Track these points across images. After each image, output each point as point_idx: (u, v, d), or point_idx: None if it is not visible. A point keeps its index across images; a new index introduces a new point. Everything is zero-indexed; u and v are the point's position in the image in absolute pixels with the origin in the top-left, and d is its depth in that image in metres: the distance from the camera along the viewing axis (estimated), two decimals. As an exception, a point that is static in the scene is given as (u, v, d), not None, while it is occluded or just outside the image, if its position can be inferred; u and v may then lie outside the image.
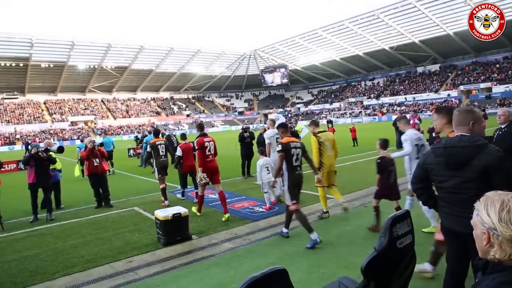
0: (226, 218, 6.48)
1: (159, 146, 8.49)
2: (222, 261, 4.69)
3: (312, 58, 68.36)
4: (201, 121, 8.57)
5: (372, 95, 65.50)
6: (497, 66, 52.18)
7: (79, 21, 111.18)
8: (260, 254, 4.85)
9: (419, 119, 16.16)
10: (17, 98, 59.88)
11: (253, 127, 41.21)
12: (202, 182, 6.76)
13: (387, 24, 51.96)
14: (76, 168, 13.55)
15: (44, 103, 62.38)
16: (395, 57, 61.37)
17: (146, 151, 9.71)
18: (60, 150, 7.67)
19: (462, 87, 52.53)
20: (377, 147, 5.45)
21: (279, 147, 5.12)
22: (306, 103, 77.47)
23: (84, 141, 10.22)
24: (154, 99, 74.88)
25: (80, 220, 7.33)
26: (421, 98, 55.95)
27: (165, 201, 8.11)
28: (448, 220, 2.64)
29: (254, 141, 11.37)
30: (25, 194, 8.09)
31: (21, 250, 5.65)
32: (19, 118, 56.68)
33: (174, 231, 5.44)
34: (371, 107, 61.71)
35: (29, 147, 7.89)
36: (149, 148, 8.67)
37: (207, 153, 6.81)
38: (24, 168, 9.80)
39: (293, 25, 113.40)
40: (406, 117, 5.70)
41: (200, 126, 7.45)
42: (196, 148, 6.87)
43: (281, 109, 76.34)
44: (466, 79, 53.85)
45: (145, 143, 14.00)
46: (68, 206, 8.73)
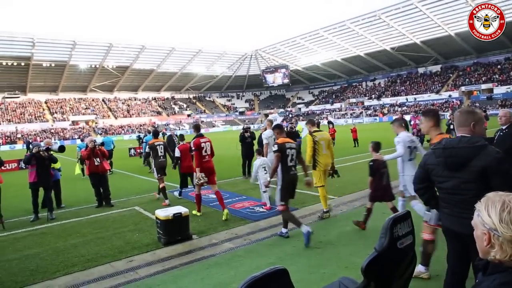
0: (226, 215, 6.52)
1: (158, 147, 8.55)
2: (223, 261, 4.69)
3: (313, 59, 68.34)
4: (197, 122, 8.62)
5: (373, 96, 65.45)
6: (499, 67, 52.08)
7: (81, 21, 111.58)
8: (261, 254, 4.85)
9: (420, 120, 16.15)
10: (19, 97, 60.02)
11: (254, 127, 41.17)
12: (200, 182, 6.81)
13: (389, 25, 51.93)
14: (76, 167, 13.58)
15: (46, 103, 62.52)
16: (396, 58, 61.33)
17: (145, 151, 9.77)
18: (61, 150, 7.68)
19: (464, 88, 52.50)
20: (370, 150, 5.59)
21: (275, 147, 5.27)
22: (307, 104, 77.43)
23: (85, 141, 10.24)
24: (155, 99, 74.94)
25: (81, 220, 7.34)
26: (422, 99, 55.89)
27: (166, 200, 8.14)
28: (449, 221, 2.65)
29: (255, 141, 11.37)
30: (26, 193, 8.11)
31: (22, 249, 5.66)
32: (20, 117, 56.80)
33: (175, 231, 5.45)
34: (372, 108, 61.66)
35: (31, 146, 7.90)
36: (148, 149, 8.74)
37: (204, 154, 6.87)
38: (25, 167, 9.81)
39: (295, 26, 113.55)
40: (400, 120, 5.80)
41: (197, 127, 7.48)
42: (193, 149, 6.92)
43: (282, 109, 76.35)
44: (468, 80, 53.79)
45: (145, 143, 14.06)
46: (69, 206, 8.75)
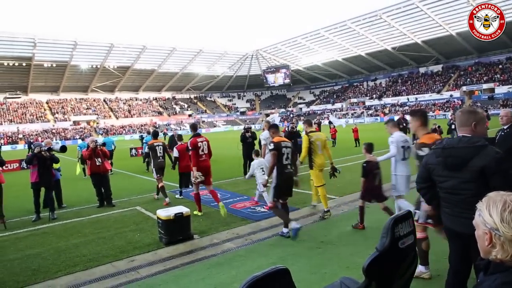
0: (223, 208, 6.54)
1: (157, 147, 8.62)
2: (224, 261, 4.69)
3: (314, 59, 68.27)
4: (195, 122, 8.70)
5: (374, 96, 65.35)
6: (500, 67, 51.94)
7: (82, 21, 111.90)
8: (262, 254, 4.86)
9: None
10: (20, 98, 60.09)
11: (255, 127, 41.18)
12: (197, 181, 6.86)
13: (390, 25, 51.85)
14: (77, 167, 13.62)
15: (47, 103, 62.60)
16: (398, 58, 61.24)
17: (145, 152, 9.85)
18: (63, 150, 7.70)
19: (465, 88, 52.39)
20: (363, 152, 5.66)
21: (271, 146, 5.38)
22: (308, 104, 77.36)
23: (86, 140, 10.28)
24: (156, 99, 74.99)
25: (82, 219, 7.35)
26: (424, 99, 55.77)
27: (166, 199, 8.18)
28: (450, 221, 2.65)
29: (256, 141, 11.39)
30: (28, 193, 8.12)
31: (24, 249, 5.68)
32: (22, 118, 56.89)
33: (176, 231, 5.46)
34: (373, 108, 61.57)
35: (32, 146, 7.92)
36: (147, 149, 8.83)
37: (201, 153, 6.92)
38: (27, 167, 9.83)
39: (296, 26, 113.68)
40: (394, 120, 5.87)
41: (194, 127, 7.52)
42: (190, 149, 6.96)
43: (283, 109, 76.33)
44: (469, 80, 53.68)
45: (145, 143, 14.14)
46: (70, 205, 8.76)
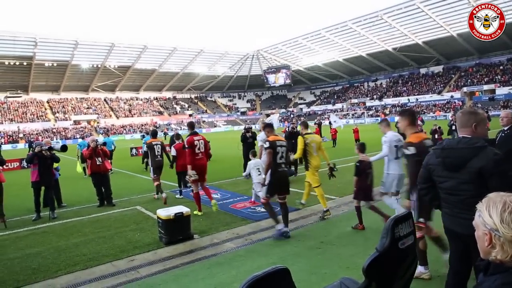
0: (215, 205, 6.74)
1: (155, 146, 8.69)
2: (224, 261, 4.70)
3: (315, 59, 68.26)
4: (192, 121, 8.78)
5: (375, 96, 65.30)
6: (501, 68, 51.90)
7: (83, 21, 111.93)
8: (262, 254, 4.86)
9: (422, 121, 16.12)
10: (21, 97, 60.10)
11: (256, 128, 41.06)
12: (191, 179, 6.89)
13: (391, 25, 51.82)
14: (78, 165, 13.63)
15: (47, 102, 62.60)
16: (398, 58, 61.20)
17: (143, 151, 9.97)
18: (64, 149, 7.71)
19: (466, 89, 52.36)
20: (356, 151, 5.78)
21: (267, 144, 5.44)
22: (309, 104, 77.35)
23: (86, 139, 10.31)
24: (157, 99, 75.00)
25: (83, 219, 7.36)
26: (424, 100, 55.71)
27: (163, 194, 8.19)
28: (449, 221, 2.65)
29: (256, 142, 11.38)
30: (28, 192, 8.13)
31: (24, 248, 5.68)
32: (22, 117, 56.91)
33: (176, 231, 5.46)
34: (374, 108, 61.54)
35: (33, 145, 7.94)
36: (146, 148, 8.93)
37: (197, 151, 6.97)
38: (27, 167, 9.85)
39: (296, 26, 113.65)
40: (387, 120, 5.89)
41: (191, 125, 7.53)
42: (186, 147, 6.99)
43: (284, 110, 76.32)
44: (470, 81, 53.64)
45: (144, 143, 14.18)
46: (71, 205, 8.77)
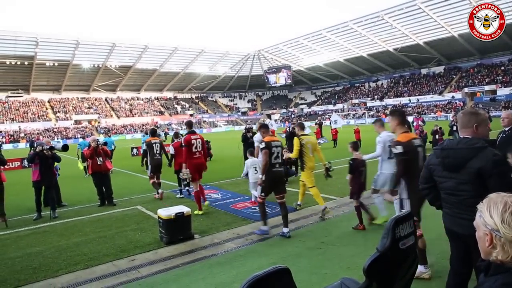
0: (206, 206, 7.11)
1: (154, 145, 8.79)
2: (225, 261, 4.70)
3: (316, 59, 68.24)
4: (190, 120, 8.88)
5: (376, 97, 65.24)
6: (502, 69, 51.83)
7: (84, 21, 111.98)
8: (262, 254, 4.86)
9: (423, 121, 16.07)
10: (22, 96, 60.18)
11: (256, 128, 40.87)
12: (184, 177, 7.05)
13: (392, 26, 51.78)
14: (79, 163, 13.66)
15: (49, 102, 62.68)
16: (399, 59, 61.13)
17: (143, 150, 10.15)
18: (65, 149, 7.72)
19: (467, 89, 52.29)
20: (349, 150, 5.87)
21: (263, 145, 5.52)
22: (310, 104, 77.31)
23: (87, 139, 10.33)
24: (158, 99, 75.03)
25: (83, 218, 7.37)
26: (425, 100, 55.65)
27: (159, 190, 8.39)
28: (450, 221, 2.65)
29: (257, 142, 11.41)
30: (29, 192, 8.15)
31: (25, 247, 5.69)
32: (24, 116, 56.99)
33: (177, 230, 5.46)
34: (375, 109, 61.49)
35: (35, 145, 7.95)
36: (145, 146, 9.06)
37: (194, 150, 7.04)
38: (28, 166, 9.86)
39: (297, 26, 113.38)
40: (382, 120, 5.94)
41: (189, 124, 7.58)
42: (183, 145, 7.05)
43: (285, 110, 76.32)
44: (471, 81, 53.57)
45: (143, 143, 14.23)
46: (71, 204, 8.78)
